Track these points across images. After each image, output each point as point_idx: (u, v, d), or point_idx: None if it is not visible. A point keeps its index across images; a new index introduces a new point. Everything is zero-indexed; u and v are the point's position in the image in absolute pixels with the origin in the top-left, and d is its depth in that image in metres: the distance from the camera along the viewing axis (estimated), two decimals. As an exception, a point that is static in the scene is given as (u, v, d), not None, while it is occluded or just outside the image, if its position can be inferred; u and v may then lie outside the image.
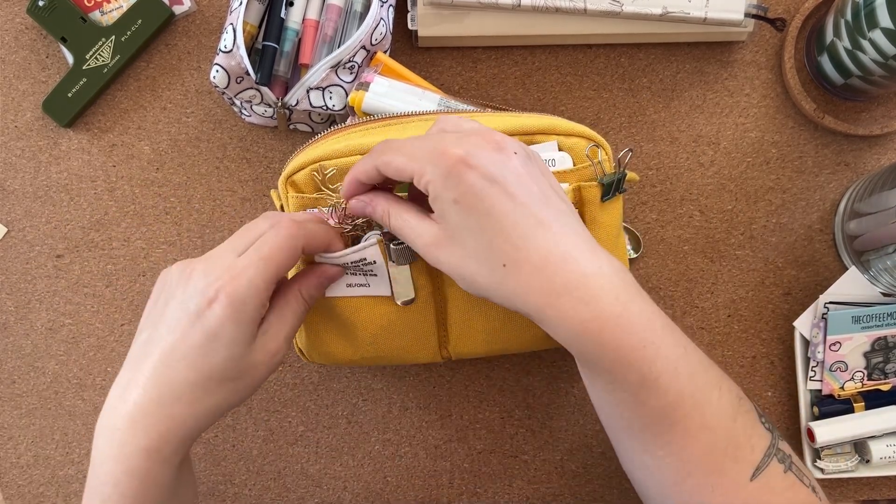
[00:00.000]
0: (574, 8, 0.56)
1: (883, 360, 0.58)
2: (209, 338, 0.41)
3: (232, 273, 0.41)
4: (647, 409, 0.41)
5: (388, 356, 0.51)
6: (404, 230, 0.43)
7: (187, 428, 0.42)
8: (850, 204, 0.59)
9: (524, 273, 0.39)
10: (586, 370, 0.43)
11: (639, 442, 0.43)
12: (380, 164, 0.42)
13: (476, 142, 0.40)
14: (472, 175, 0.39)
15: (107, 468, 0.41)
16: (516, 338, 0.50)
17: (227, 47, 0.52)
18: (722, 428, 0.42)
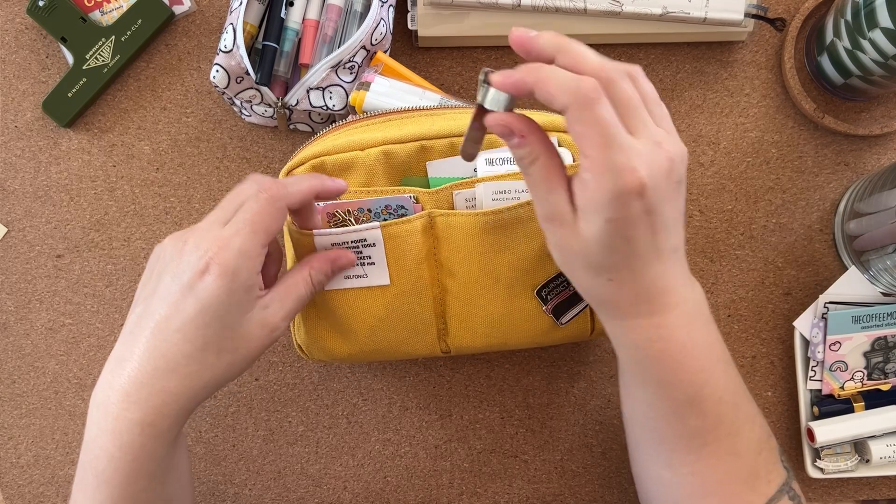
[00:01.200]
0: (574, 8, 0.56)
1: (883, 359, 0.58)
2: (202, 309, 0.40)
3: (220, 243, 0.41)
4: (685, 428, 0.43)
5: (388, 349, 0.51)
6: (541, 186, 0.39)
7: (182, 402, 0.41)
8: (850, 204, 0.59)
9: (623, 291, 0.40)
10: (634, 379, 0.44)
11: (665, 455, 0.45)
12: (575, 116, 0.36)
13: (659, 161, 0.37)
14: (637, 206, 0.37)
15: (100, 442, 0.41)
16: (515, 331, 0.50)
17: (227, 47, 0.52)
18: (747, 458, 0.44)
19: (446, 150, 0.49)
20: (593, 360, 0.61)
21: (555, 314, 0.50)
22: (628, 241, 0.38)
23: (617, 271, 0.39)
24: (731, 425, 0.43)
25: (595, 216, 0.37)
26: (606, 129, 0.36)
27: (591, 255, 0.39)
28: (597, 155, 0.36)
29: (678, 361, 0.41)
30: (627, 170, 0.36)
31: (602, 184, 0.36)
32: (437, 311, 0.50)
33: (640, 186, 0.36)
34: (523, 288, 0.50)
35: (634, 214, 0.37)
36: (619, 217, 0.37)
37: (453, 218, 0.48)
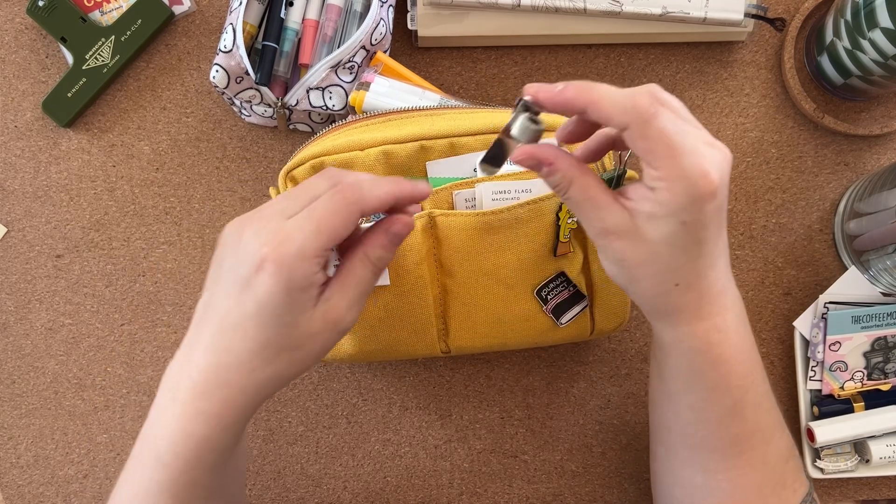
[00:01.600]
0: (574, 8, 0.56)
1: (883, 359, 0.58)
2: (260, 307, 0.38)
3: (279, 238, 0.38)
4: (726, 433, 0.43)
5: (388, 349, 0.51)
6: (585, 205, 0.40)
7: (248, 396, 0.40)
8: (850, 204, 0.59)
9: (688, 296, 0.41)
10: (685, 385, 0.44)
11: (701, 460, 0.45)
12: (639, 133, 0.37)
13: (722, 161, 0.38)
14: (711, 207, 0.38)
15: (166, 425, 0.40)
16: (515, 331, 0.50)
17: (227, 47, 0.52)
18: (777, 467, 0.45)
19: (446, 150, 0.49)
20: (593, 360, 0.61)
21: (554, 314, 0.50)
22: (699, 242, 0.39)
23: (685, 275, 0.40)
24: (765, 433, 0.45)
25: (669, 220, 0.38)
26: (672, 138, 0.37)
27: (661, 261, 0.39)
28: (668, 164, 0.37)
29: (731, 366, 0.42)
30: (701, 174, 0.37)
31: (677, 189, 0.37)
32: (437, 311, 0.50)
33: (715, 189, 0.37)
34: (523, 288, 0.50)
35: (708, 216, 0.38)
36: (693, 220, 0.38)
37: (453, 218, 0.48)
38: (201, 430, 0.40)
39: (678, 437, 0.46)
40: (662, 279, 0.40)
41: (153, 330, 0.60)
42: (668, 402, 0.46)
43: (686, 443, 0.46)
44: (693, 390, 0.43)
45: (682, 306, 0.41)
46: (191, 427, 0.40)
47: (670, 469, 0.48)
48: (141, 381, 0.60)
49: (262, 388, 0.40)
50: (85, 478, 0.60)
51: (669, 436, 0.47)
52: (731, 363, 0.42)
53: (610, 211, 0.39)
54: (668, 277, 0.40)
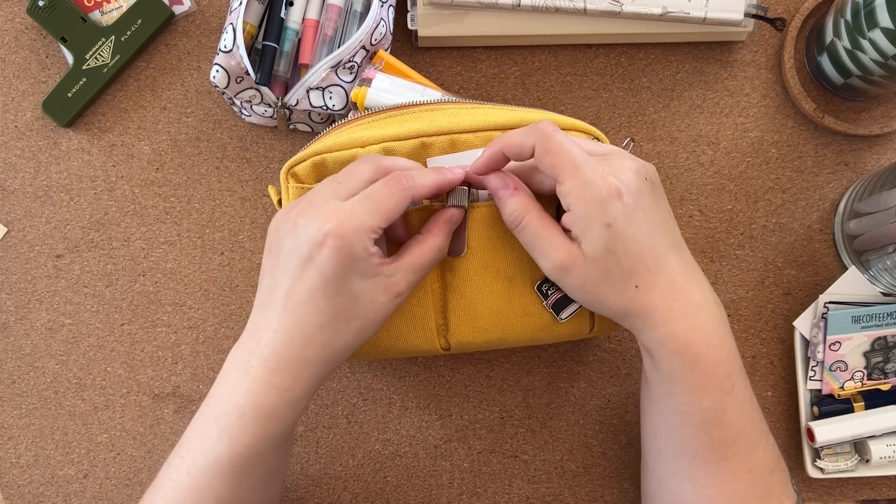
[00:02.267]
0: (574, 8, 0.56)
1: (883, 359, 0.58)
2: (326, 279, 0.41)
3: (340, 216, 0.41)
4: (708, 439, 0.44)
5: (388, 345, 0.51)
6: (536, 238, 0.44)
7: (318, 368, 0.42)
8: (850, 204, 0.59)
9: (653, 295, 0.42)
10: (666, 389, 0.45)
11: (685, 467, 0.46)
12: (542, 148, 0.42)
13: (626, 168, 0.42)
14: (624, 203, 0.41)
15: (235, 399, 0.42)
16: (515, 326, 0.50)
17: (227, 47, 0.52)
18: (762, 476, 0.45)
19: (446, 146, 0.49)
20: (593, 360, 0.61)
21: (555, 309, 0.50)
22: (633, 239, 0.41)
23: (637, 273, 0.42)
24: (749, 441, 0.45)
25: (595, 230, 0.41)
26: (570, 151, 0.42)
27: (612, 271, 0.42)
28: (571, 177, 0.41)
29: (710, 366, 0.43)
30: (602, 177, 0.41)
31: (586, 198, 0.41)
32: (437, 305, 0.50)
33: (616, 188, 0.41)
34: (523, 283, 0.50)
35: (628, 212, 0.41)
36: (614, 216, 0.41)
37: None
38: (272, 402, 0.41)
39: (664, 443, 0.47)
40: (622, 287, 0.42)
41: (153, 330, 0.60)
42: (653, 407, 0.47)
43: (671, 448, 0.46)
44: (674, 393, 0.44)
45: (651, 306, 0.43)
46: (262, 399, 0.41)
47: (659, 478, 0.49)
48: (141, 381, 0.60)
49: (332, 359, 0.43)
50: (85, 478, 0.60)
51: (656, 442, 0.48)
52: (708, 363, 0.43)
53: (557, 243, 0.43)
54: (625, 284, 0.42)
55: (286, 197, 0.50)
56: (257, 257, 0.60)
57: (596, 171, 0.41)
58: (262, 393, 0.41)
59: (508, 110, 0.50)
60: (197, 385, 0.60)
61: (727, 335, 0.44)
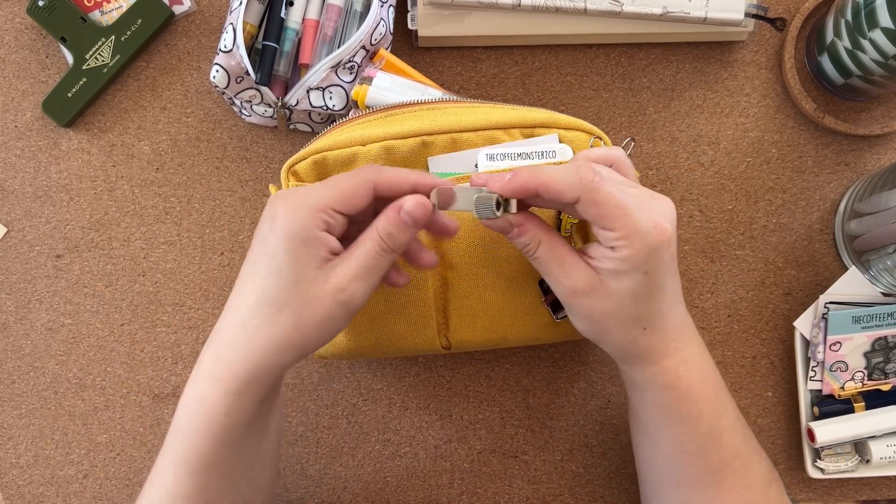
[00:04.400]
0: (574, 8, 0.56)
1: (883, 359, 0.58)
2: (267, 259, 0.40)
3: (294, 197, 0.40)
4: (706, 462, 0.45)
5: (388, 343, 0.51)
6: (552, 265, 0.42)
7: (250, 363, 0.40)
8: (850, 204, 0.59)
9: (655, 337, 0.43)
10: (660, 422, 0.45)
11: (685, 493, 0.46)
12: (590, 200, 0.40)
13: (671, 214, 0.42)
14: (668, 253, 0.41)
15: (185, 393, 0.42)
16: (515, 325, 0.50)
17: (227, 47, 0.52)
18: (760, 490, 0.46)
19: (447, 145, 0.49)
20: (593, 360, 0.61)
21: (553, 308, 0.50)
22: (661, 287, 0.42)
23: (650, 319, 0.42)
24: (744, 458, 0.46)
25: (632, 274, 0.41)
26: (620, 199, 0.40)
27: (627, 310, 0.42)
28: (623, 223, 0.40)
29: (701, 393, 0.44)
30: (654, 225, 0.40)
31: (637, 245, 0.40)
32: (438, 304, 0.50)
33: (669, 236, 0.41)
34: (524, 281, 0.50)
35: (667, 264, 0.42)
36: (654, 268, 0.41)
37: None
38: (211, 393, 0.40)
39: (661, 473, 0.48)
40: (630, 327, 0.43)
41: (153, 330, 0.60)
42: (647, 440, 0.48)
43: (670, 478, 0.47)
44: (669, 424, 0.45)
45: (650, 348, 0.43)
46: (202, 390, 0.41)
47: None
48: (141, 381, 0.60)
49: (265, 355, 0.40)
50: (85, 478, 0.60)
51: (653, 473, 0.49)
52: (700, 391, 0.44)
53: (576, 269, 0.42)
54: (635, 324, 0.42)
55: None
56: (257, 257, 0.60)
57: (649, 221, 0.40)
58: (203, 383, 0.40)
59: (510, 109, 0.50)
60: (197, 385, 0.60)
61: (711, 362, 0.46)
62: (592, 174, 0.40)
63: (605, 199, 0.39)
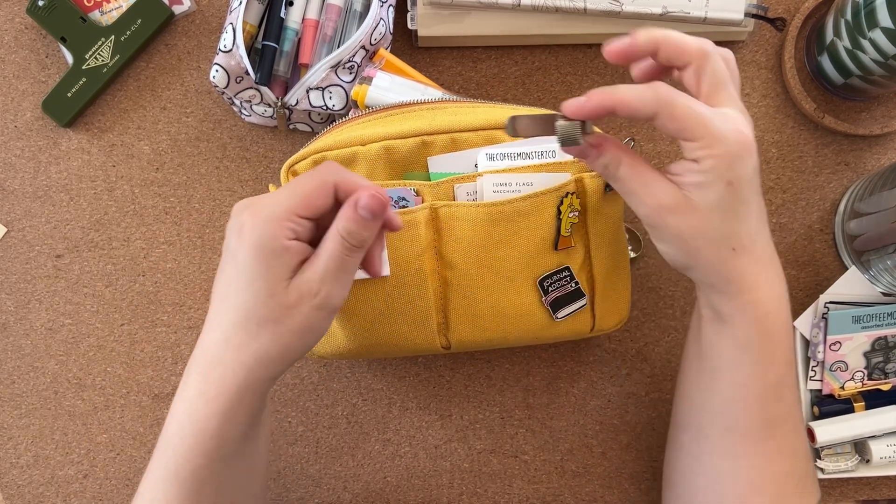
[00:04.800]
0: (574, 8, 0.56)
1: (883, 359, 0.58)
2: (238, 273, 0.39)
3: (256, 206, 0.39)
4: (763, 414, 0.44)
5: (388, 343, 0.51)
6: (634, 184, 0.42)
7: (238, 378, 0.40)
8: (850, 204, 0.59)
9: (746, 261, 0.42)
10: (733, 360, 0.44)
11: (731, 444, 0.45)
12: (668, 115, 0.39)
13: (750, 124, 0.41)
14: (751, 163, 0.40)
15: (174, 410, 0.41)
16: (515, 324, 0.50)
17: (227, 47, 0.52)
18: (803, 461, 0.45)
19: (447, 145, 0.49)
20: (593, 360, 0.61)
21: (552, 307, 0.50)
22: (746, 202, 0.41)
23: (739, 238, 0.41)
24: (797, 420, 0.45)
25: (716, 184, 0.40)
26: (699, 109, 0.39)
27: (715, 228, 0.41)
28: (704, 133, 0.39)
29: (780, 337, 0.43)
30: (736, 132, 0.39)
31: (719, 152, 0.39)
32: (438, 304, 0.50)
33: (751, 142, 0.40)
34: (524, 281, 0.50)
35: (750, 173, 0.40)
36: (738, 177, 0.40)
37: (456, 209, 0.48)
38: (202, 411, 0.40)
39: (711, 418, 0.46)
40: (720, 246, 0.41)
41: (153, 330, 0.60)
42: (707, 380, 0.46)
43: (718, 424, 0.46)
44: (741, 364, 0.44)
45: (741, 272, 0.42)
46: (193, 408, 0.40)
47: (696, 455, 0.48)
48: (141, 381, 0.60)
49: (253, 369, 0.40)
50: (85, 478, 0.60)
51: (700, 417, 0.47)
52: (780, 335, 0.43)
53: (660, 186, 0.41)
54: (724, 243, 0.41)
55: None
56: (257, 257, 0.60)
57: (730, 127, 0.39)
58: (194, 401, 0.40)
59: (510, 109, 0.50)
60: (197, 385, 0.60)
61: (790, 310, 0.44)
62: (668, 89, 0.39)
63: (683, 112, 0.39)
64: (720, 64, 0.41)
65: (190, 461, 0.40)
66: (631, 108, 0.40)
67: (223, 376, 0.40)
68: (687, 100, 0.39)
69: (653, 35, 0.41)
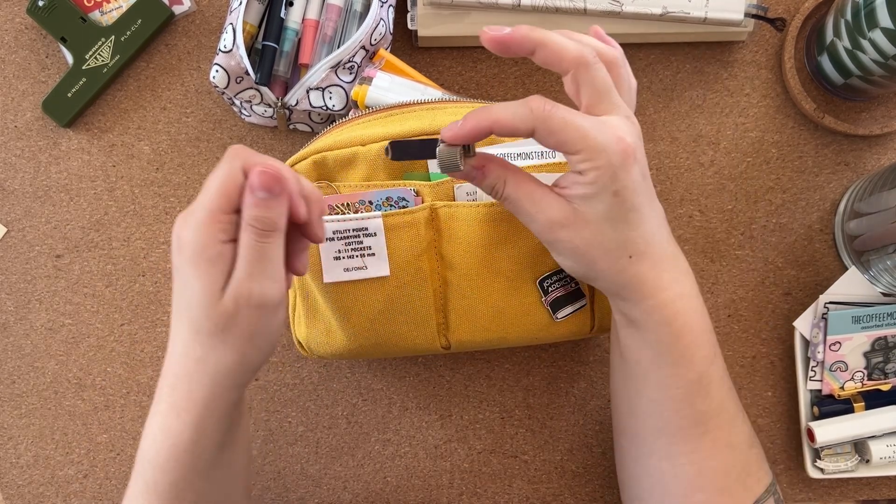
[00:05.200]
0: (574, 8, 0.56)
1: (883, 359, 0.58)
2: (183, 288, 0.38)
3: (187, 217, 0.38)
4: (692, 411, 0.43)
5: (388, 343, 0.51)
6: (523, 202, 0.41)
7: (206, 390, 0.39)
8: (850, 204, 0.59)
9: (644, 266, 0.42)
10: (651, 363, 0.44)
11: (665, 445, 0.45)
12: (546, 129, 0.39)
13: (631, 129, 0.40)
14: (636, 169, 0.40)
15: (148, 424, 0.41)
16: (515, 325, 0.50)
17: (227, 47, 0.52)
18: (741, 451, 0.45)
19: (447, 146, 0.49)
20: (593, 360, 0.61)
21: (552, 307, 0.50)
22: (636, 208, 0.40)
23: (633, 244, 0.41)
24: (730, 413, 0.44)
25: (602, 195, 0.39)
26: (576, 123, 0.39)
27: (607, 237, 0.41)
28: (583, 144, 0.38)
29: (695, 335, 0.43)
30: (616, 140, 0.39)
31: (601, 162, 0.39)
32: (438, 304, 0.50)
33: (633, 149, 0.39)
34: (524, 281, 0.50)
35: (636, 179, 0.40)
36: (623, 187, 0.39)
37: (456, 209, 0.48)
38: (175, 425, 0.40)
39: (643, 421, 0.46)
40: (616, 255, 0.41)
41: (153, 330, 0.60)
42: (632, 385, 0.46)
43: (651, 426, 0.45)
44: (660, 366, 0.43)
45: (641, 277, 0.42)
46: (167, 422, 0.40)
47: (636, 458, 0.48)
48: (141, 381, 0.60)
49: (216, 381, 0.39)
50: (85, 478, 0.60)
51: (633, 422, 0.47)
52: (695, 332, 0.43)
53: (549, 202, 0.41)
54: (619, 252, 0.41)
55: None
56: (257, 257, 0.60)
57: (609, 136, 0.39)
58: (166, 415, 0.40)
59: None
60: (197, 385, 0.60)
61: (701, 299, 0.44)
62: (542, 103, 0.39)
63: (561, 125, 0.38)
64: (601, 73, 0.40)
65: (167, 473, 0.41)
66: (507, 127, 0.39)
67: (190, 390, 0.40)
68: (563, 112, 0.39)
69: (532, 35, 0.40)
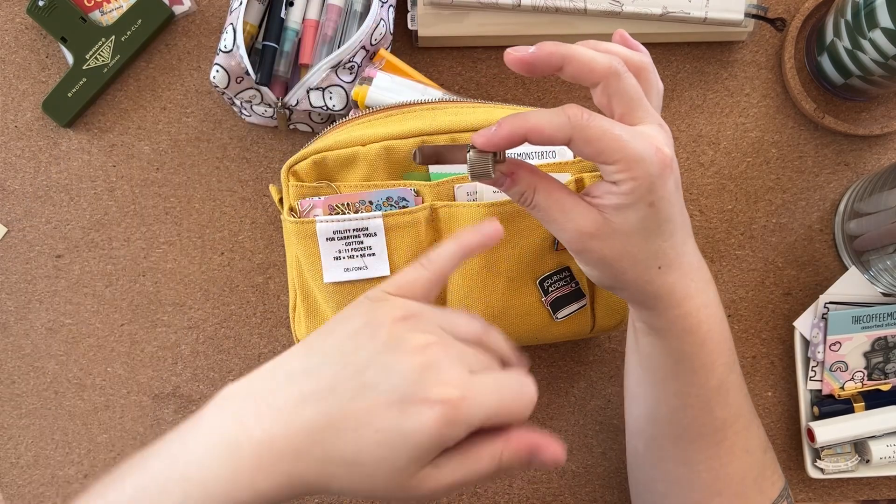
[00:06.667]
0: (574, 8, 0.56)
1: (883, 360, 0.58)
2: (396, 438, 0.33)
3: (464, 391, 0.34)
4: (711, 419, 0.44)
5: None
6: (552, 211, 0.40)
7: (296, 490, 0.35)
8: (850, 204, 0.59)
9: (674, 277, 0.41)
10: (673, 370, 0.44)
11: (683, 451, 0.45)
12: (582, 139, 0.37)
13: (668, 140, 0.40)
14: (672, 180, 0.39)
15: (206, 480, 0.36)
16: (515, 325, 0.50)
17: (227, 47, 0.52)
18: (757, 456, 0.45)
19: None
20: (593, 360, 0.61)
21: (553, 307, 0.50)
22: (669, 219, 0.40)
23: (664, 255, 0.40)
24: (746, 418, 0.45)
25: (638, 206, 0.38)
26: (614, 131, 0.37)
27: (638, 248, 0.40)
28: (621, 155, 0.37)
29: (717, 343, 0.43)
30: (655, 150, 0.38)
31: (638, 173, 0.38)
32: (438, 304, 0.50)
33: (670, 160, 0.38)
34: (523, 282, 0.50)
35: (671, 190, 0.39)
36: (659, 198, 0.38)
37: (456, 209, 0.48)
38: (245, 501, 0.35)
39: (661, 428, 0.46)
40: (646, 266, 0.40)
41: (153, 330, 0.60)
42: (652, 392, 0.46)
43: (669, 433, 0.45)
44: (681, 374, 0.43)
45: (670, 288, 0.41)
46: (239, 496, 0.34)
47: (652, 462, 0.48)
48: (141, 381, 0.60)
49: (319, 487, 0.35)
50: (85, 478, 0.60)
51: (650, 427, 0.47)
52: (716, 341, 0.43)
53: (579, 211, 0.40)
54: (650, 263, 0.40)
55: (286, 196, 0.50)
56: (257, 257, 0.60)
57: (647, 147, 0.38)
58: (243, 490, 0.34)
59: (510, 109, 0.50)
60: (197, 385, 0.60)
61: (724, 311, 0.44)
62: (580, 112, 0.38)
63: (597, 135, 0.37)
64: (631, 81, 0.39)
65: None
66: (544, 135, 0.38)
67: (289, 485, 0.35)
68: (601, 121, 0.37)
69: (558, 51, 0.38)
